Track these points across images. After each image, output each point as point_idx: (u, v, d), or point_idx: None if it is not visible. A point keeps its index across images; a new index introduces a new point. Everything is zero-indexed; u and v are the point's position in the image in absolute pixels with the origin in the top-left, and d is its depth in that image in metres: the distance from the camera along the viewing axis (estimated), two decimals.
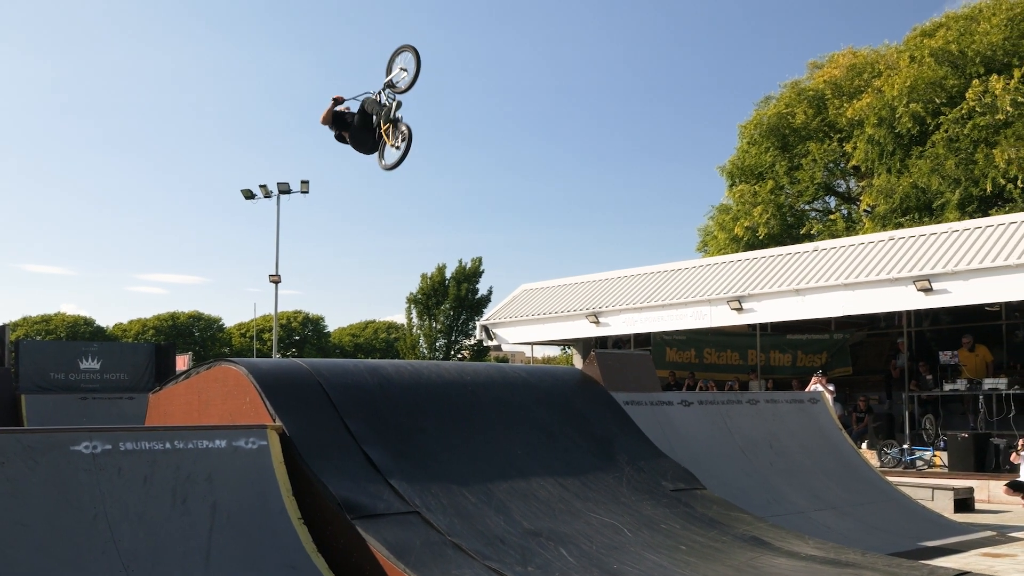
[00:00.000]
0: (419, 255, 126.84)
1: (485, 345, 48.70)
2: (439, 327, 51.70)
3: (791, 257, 20.51)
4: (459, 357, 51.45)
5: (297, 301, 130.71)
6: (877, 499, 11.09)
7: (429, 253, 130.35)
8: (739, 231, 32.25)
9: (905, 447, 18.19)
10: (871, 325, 22.48)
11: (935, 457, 17.72)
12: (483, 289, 52.86)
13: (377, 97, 9.26)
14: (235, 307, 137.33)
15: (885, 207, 28.16)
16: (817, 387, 18.00)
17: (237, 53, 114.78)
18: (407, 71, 9.11)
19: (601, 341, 24.75)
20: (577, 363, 25.57)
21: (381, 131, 9.12)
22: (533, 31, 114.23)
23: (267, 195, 36.83)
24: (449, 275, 52.03)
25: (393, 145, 9.03)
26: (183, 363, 30.35)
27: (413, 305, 52.03)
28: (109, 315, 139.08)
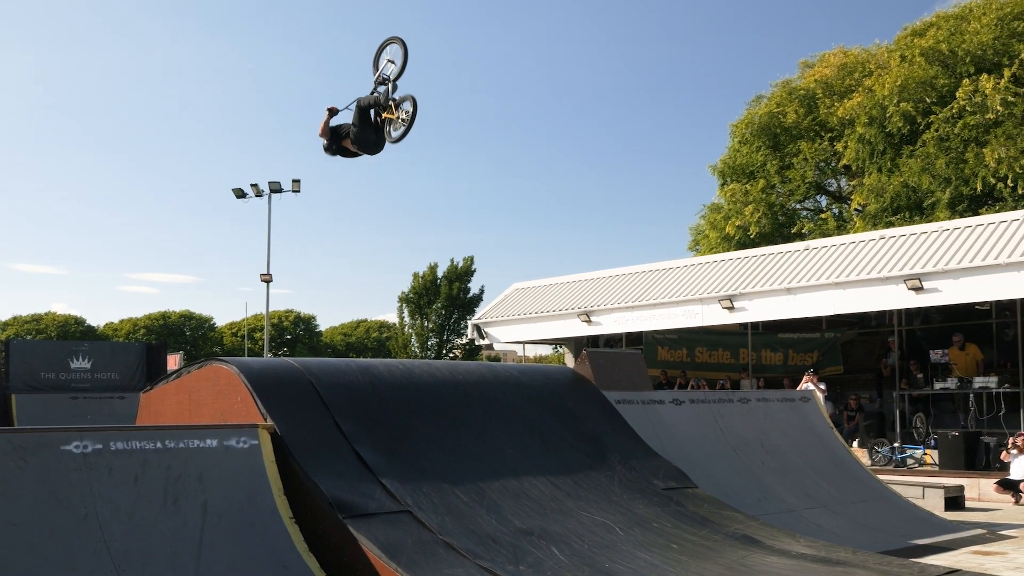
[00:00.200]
0: (411, 254, 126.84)
1: (477, 344, 48.63)
2: (431, 326, 51.68)
3: (782, 256, 20.55)
4: (451, 356, 51.44)
5: (288, 300, 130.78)
6: (868, 497, 11.12)
7: (421, 252, 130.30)
8: (730, 230, 32.31)
9: (896, 445, 18.24)
10: (862, 324, 22.55)
11: (926, 455, 17.77)
12: (475, 288, 52.92)
13: (371, 95, 9.19)
14: (226, 306, 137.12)
15: (876, 206, 28.23)
16: (808, 386, 18.05)
17: (229, 51, 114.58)
18: (395, 62, 9.05)
19: (593, 340, 24.76)
20: (569, 362, 25.57)
21: (382, 118, 9.02)
22: (525, 30, 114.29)
23: (258, 194, 36.79)
24: (441, 274, 52.03)
25: (398, 118, 8.92)
26: (174, 362, 30.31)
27: (405, 304, 52.01)
28: (100, 314, 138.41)
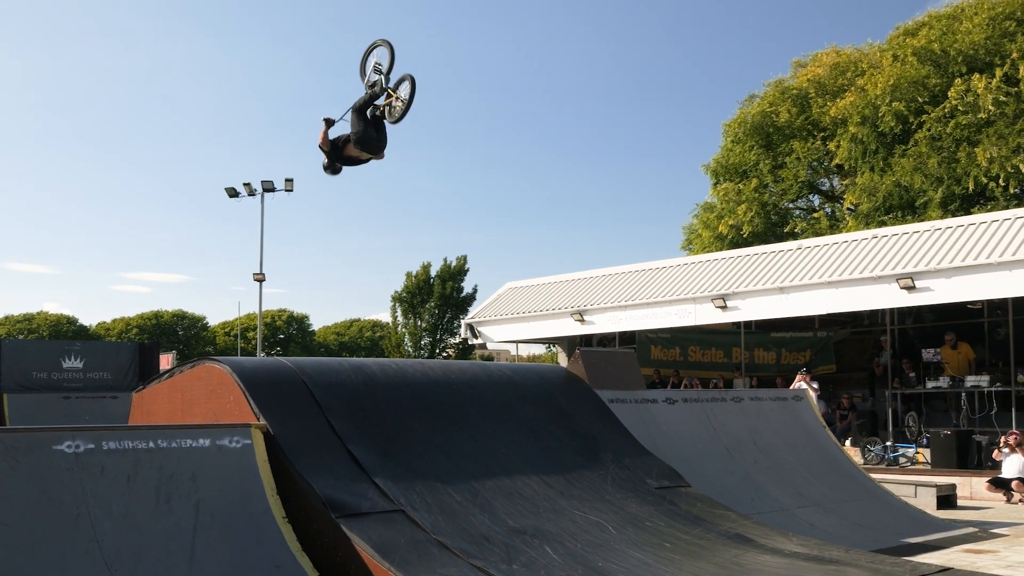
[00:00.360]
0: (404, 253, 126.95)
1: (470, 344, 48.64)
2: (424, 325, 51.67)
3: (775, 255, 20.58)
4: (444, 355, 51.44)
5: (282, 299, 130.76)
6: (860, 496, 11.14)
7: (414, 251, 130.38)
8: (723, 229, 32.35)
9: (888, 444, 18.28)
10: (855, 323, 22.60)
11: (918, 454, 17.81)
12: (468, 287, 52.97)
13: (364, 94, 9.14)
14: (219, 306, 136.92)
15: (868, 205, 28.30)
16: (801, 385, 18.07)
17: (221, 50, 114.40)
18: (382, 64, 9.02)
19: (586, 339, 24.77)
20: (562, 361, 25.57)
21: (380, 112, 8.97)
22: (518, 29, 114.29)
23: (251, 193, 36.73)
24: (434, 273, 52.01)
25: (398, 98, 8.86)
26: (167, 362, 30.20)
27: (398, 303, 51.99)
28: (92, 314, 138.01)
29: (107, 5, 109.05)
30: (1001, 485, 14.26)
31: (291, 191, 36.29)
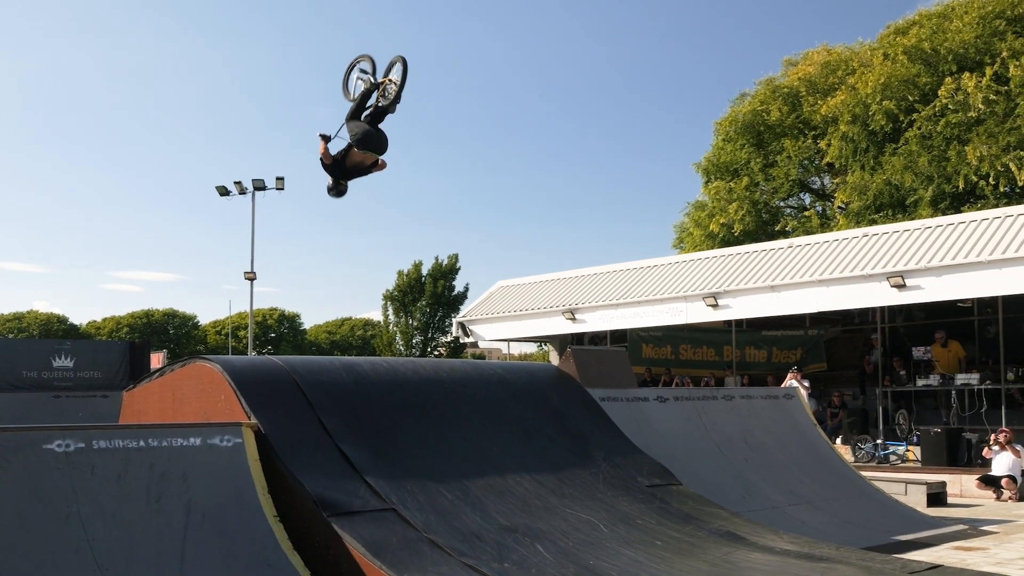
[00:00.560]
0: (395, 252, 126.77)
1: (462, 342, 48.54)
2: (416, 324, 51.63)
3: (766, 254, 20.61)
4: (436, 354, 51.40)
5: (273, 298, 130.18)
6: (851, 494, 11.18)
7: (405, 250, 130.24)
8: (714, 228, 32.38)
9: (879, 442, 18.33)
10: (845, 321, 22.64)
11: (908, 452, 17.86)
12: (459, 286, 52.90)
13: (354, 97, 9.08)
14: (210, 304, 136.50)
15: (859, 204, 28.34)
16: (792, 383, 18.11)
17: (211, 49, 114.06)
18: (367, 69, 8.97)
19: (577, 338, 24.77)
20: (554, 360, 25.59)
21: (377, 106, 8.91)
22: (510, 28, 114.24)
23: (242, 192, 36.64)
24: (425, 272, 51.98)
25: (390, 81, 8.80)
26: (157, 361, 30.11)
27: (389, 302, 51.95)
28: (82, 313, 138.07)
29: (97, 4, 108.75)
30: (991, 483, 14.32)
31: (282, 189, 36.28)
